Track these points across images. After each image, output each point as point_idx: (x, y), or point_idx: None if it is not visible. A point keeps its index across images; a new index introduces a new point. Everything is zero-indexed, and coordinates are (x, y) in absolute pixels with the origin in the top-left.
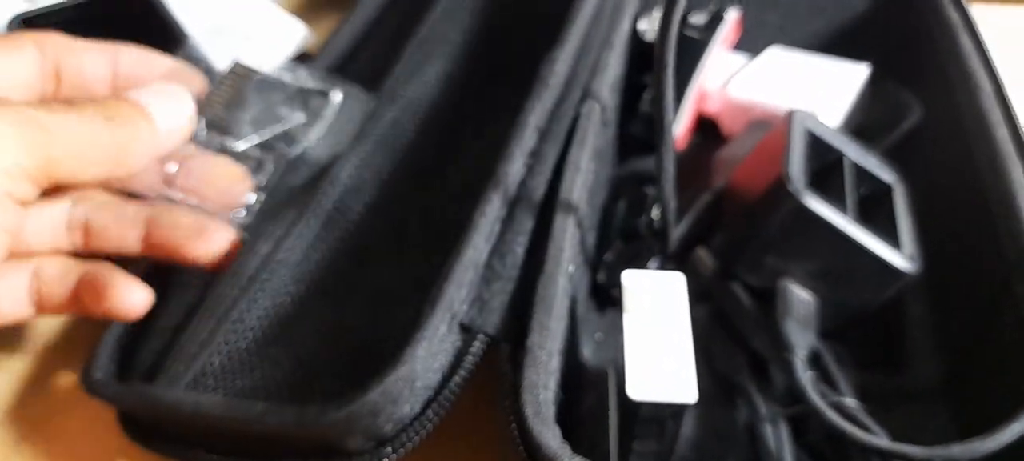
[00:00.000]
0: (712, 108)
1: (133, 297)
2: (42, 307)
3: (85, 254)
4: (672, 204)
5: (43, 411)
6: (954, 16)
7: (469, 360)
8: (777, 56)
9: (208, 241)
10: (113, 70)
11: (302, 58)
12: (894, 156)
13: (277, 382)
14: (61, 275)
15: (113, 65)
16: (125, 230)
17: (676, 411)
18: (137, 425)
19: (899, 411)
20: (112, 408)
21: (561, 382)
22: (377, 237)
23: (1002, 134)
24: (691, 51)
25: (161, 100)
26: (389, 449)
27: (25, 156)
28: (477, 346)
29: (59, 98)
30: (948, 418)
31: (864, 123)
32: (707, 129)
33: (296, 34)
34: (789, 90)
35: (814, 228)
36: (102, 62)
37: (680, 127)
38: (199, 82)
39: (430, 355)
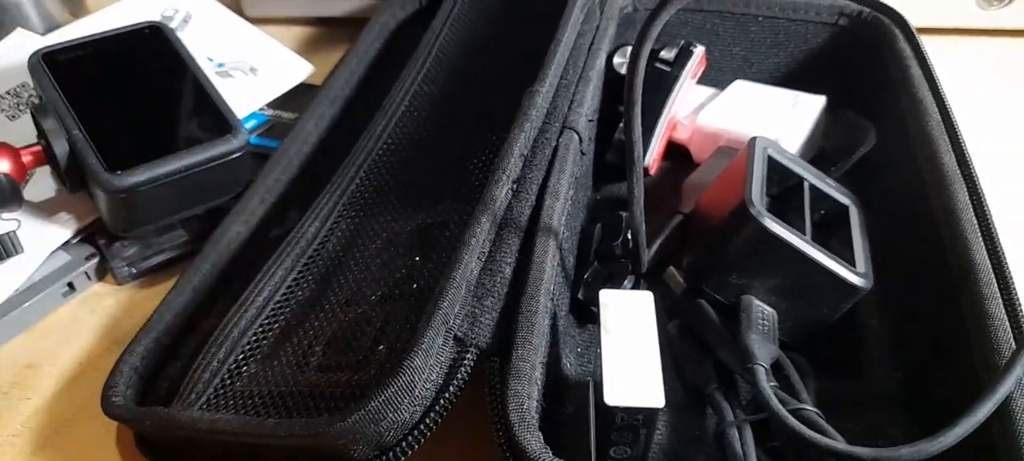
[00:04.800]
0: (682, 136)
1: None
2: None
3: None
4: (642, 230)
5: (59, 423)
6: (906, 48)
7: (463, 371)
8: (743, 88)
9: None
10: None
11: (306, 88)
12: (851, 179)
13: (284, 398)
14: None
15: None
16: None
17: (648, 416)
18: (152, 446)
19: (860, 417)
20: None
21: (544, 392)
22: (372, 258)
23: (949, 160)
24: (662, 83)
25: None
26: (391, 455)
27: None
28: (469, 358)
29: None
30: (905, 424)
31: (824, 148)
32: (678, 155)
33: (300, 70)
34: (753, 119)
35: (774, 248)
36: None
37: (652, 154)
38: None
39: (427, 366)
